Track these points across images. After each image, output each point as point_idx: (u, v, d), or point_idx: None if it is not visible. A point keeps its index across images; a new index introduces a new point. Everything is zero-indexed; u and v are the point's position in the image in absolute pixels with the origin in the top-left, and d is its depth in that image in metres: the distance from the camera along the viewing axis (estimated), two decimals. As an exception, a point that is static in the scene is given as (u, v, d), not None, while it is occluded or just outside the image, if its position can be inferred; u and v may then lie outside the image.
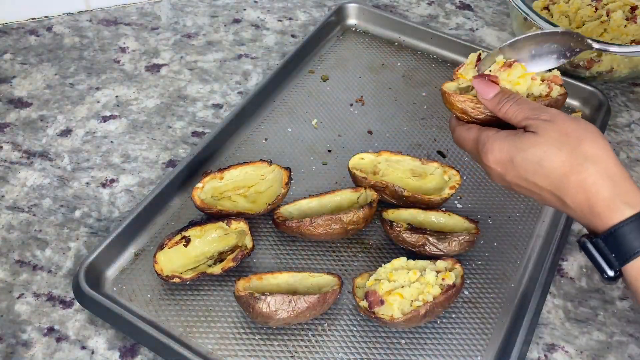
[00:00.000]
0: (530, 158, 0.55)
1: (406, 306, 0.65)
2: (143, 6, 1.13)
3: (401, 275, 0.67)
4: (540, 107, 0.59)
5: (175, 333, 0.68)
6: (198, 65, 1.02)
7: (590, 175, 0.53)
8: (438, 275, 0.67)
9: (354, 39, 1.08)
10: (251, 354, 0.67)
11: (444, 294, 0.65)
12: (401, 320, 0.64)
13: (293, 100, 0.96)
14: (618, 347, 0.70)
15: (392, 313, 0.64)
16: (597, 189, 0.53)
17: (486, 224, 0.80)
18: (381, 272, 0.69)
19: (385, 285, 0.66)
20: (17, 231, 0.79)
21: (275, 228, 0.78)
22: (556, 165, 0.54)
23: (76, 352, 0.68)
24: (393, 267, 0.69)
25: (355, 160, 0.80)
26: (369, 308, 0.66)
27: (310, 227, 0.72)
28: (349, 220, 0.72)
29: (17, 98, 0.95)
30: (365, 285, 0.68)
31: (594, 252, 0.55)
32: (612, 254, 0.54)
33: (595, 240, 0.55)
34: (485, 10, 1.16)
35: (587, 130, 0.55)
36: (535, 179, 0.56)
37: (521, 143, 0.56)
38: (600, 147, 0.54)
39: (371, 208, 0.74)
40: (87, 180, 0.84)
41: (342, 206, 0.77)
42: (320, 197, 0.78)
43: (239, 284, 0.67)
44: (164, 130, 0.91)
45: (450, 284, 0.66)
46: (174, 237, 0.71)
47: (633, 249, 0.52)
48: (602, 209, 0.53)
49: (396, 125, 0.92)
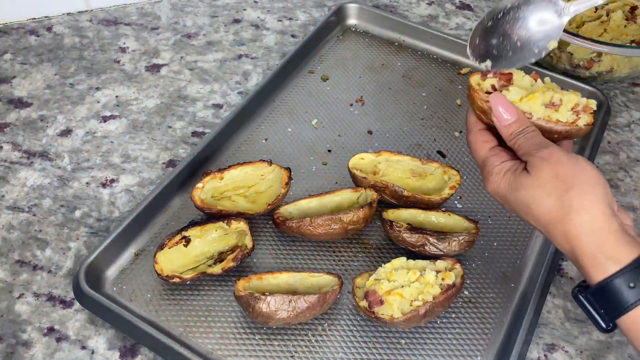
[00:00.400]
0: (521, 200, 0.56)
1: (406, 306, 0.65)
2: (143, 6, 1.13)
3: (401, 275, 0.67)
4: (542, 143, 0.57)
5: (175, 333, 0.68)
6: (198, 65, 1.02)
7: (573, 227, 0.52)
8: (438, 275, 0.67)
9: (354, 39, 1.08)
10: (251, 354, 0.67)
11: (444, 293, 0.66)
12: (401, 320, 0.64)
13: (293, 100, 0.96)
14: (618, 347, 0.70)
15: (391, 313, 0.64)
16: (579, 243, 0.52)
17: (486, 224, 0.80)
18: (381, 272, 0.69)
19: (385, 285, 0.66)
20: (17, 231, 0.79)
21: (275, 228, 0.78)
22: (544, 212, 0.54)
23: (76, 352, 0.68)
24: (393, 267, 0.69)
25: (355, 160, 0.80)
26: (368, 308, 0.66)
27: (310, 227, 0.72)
28: (349, 220, 0.72)
29: (17, 98, 0.95)
30: (365, 285, 0.68)
31: (587, 305, 0.54)
32: (602, 310, 0.53)
33: (585, 294, 0.54)
34: (485, 10, 1.16)
35: (579, 174, 0.54)
36: (527, 218, 0.57)
37: (515, 183, 0.57)
38: (587, 196, 0.53)
39: (371, 208, 0.74)
40: (87, 180, 0.84)
41: (342, 206, 0.77)
42: (320, 197, 0.78)
43: (239, 283, 0.67)
44: (164, 130, 0.91)
45: (450, 283, 0.66)
46: (174, 237, 0.71)
47: (623, 303, 0.51)
48: (586, 263, 0.52)
49: (396, 125, 0.93)
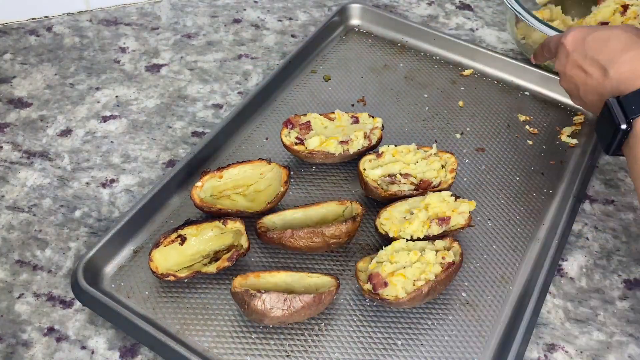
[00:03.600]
0: (600, 36, 0.68)
1: (409, 286, 0.66)
2: (143, 6, 1.13)
3: (402, 256, 0.69)
4: None
5: (172, 330, 0.68)
6: (198, 65, 1.02)
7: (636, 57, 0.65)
8: (437, 254, 0.69)
9: (357, 39, 1.08)
10: (247, 352, 0.67)
11: (445, 271, 0.67)
12: (406, 300, 0.66)
13: (294, 100, 0.96)
14: (618, 347, 0.70)
15: (396, 293, 0.66)
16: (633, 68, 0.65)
17: (485, 226, 0.80)
18: (382, 255, 0.70)
19: (387, 267, 0.68)
20: (17, 231, 0.79)
21: None
22: (620, 44, 0.66)
23: (76, 352, 0.68)
24: (394, 249, 0.70)
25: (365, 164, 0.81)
26: (373, 290, 0.67)
27: (291, 239, 0.72)
28: (330, 234, 0.71)
29: (17, 98, 0.95)
30: (368, 269, 0.69)
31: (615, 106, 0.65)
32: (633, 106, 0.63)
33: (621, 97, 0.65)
34: (485, 10, 1.16)
35: None
36: (596, 55, 0.68)
37: (596, 28, 0.70)
38: None
39: (354, 222, 0.73)
40: (87, 180, 0.85)
41: (327, 218, 0.77)
42: (305, 208, 0.77)
43: (236, 280, 0.67)
44: (164, 130, 0.92)
45: (450, 261, 0.68)
46: (169, 235, 0.72)
47: None
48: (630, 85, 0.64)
49: (398, 126, 0.92)
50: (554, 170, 0.87)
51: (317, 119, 0.84)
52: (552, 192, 0.84)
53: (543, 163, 0.88)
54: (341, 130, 0.83)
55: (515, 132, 0.92)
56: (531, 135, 0.92)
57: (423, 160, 0.79)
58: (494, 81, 1.00)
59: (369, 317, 0.70)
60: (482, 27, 1.12)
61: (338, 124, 0.84)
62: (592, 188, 0.86)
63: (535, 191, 0.84)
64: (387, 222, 0.74)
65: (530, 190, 0.84)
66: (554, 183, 0.85)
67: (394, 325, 0.70)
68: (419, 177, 0.78)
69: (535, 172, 0.86)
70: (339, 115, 0.84)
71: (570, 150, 0.90)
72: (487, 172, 0.86)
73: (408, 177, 0.77)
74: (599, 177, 0.87)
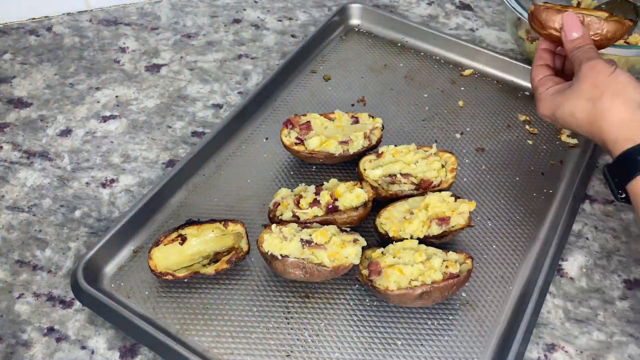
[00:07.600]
0: (567, 112, 0.68)
1: (403, 282, 0.66)
2: (143, 6, 1.13)
3: (408, 254, 0.69)
4: (594, 56, 0.68)
5: (172, 330, 0.68)
6: (198, 65, 1.02)
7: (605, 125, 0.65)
8: (443, 263, 0.68)
9: (357, 39, 1.08)
10: (247, 352, 0.67)
11: (444, 281, 0.66)
12: (394, 294, 0.65)
13: (294, 100, 0.96)
14: (618, 347, 0.70)
15: (387, 285, 0.66)
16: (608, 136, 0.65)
17: (485, 226, 0.80)
18: (390, 248, 0.71)
19: (388, 259, 0.68)
20: (17, 231, 0.79)
21: None
22: (585, 116, 0.66)
23: (76, 352, 0.68)
24: (403, 246, 0.71)
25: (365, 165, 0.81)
26: (368, 276, 0.68)
27: None
28: (342, 222, 0.73)
29: (17, 98, 0.95)
30: (372, 257, 0.70)
31: (608, 177, 0.67)
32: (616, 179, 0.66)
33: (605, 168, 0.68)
34: (485, 10, 1.16)
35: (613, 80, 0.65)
36: (573, 127, 0.69)
37: (561, 99, 0.69)
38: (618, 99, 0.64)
39: (365, 208, 0.74)
40: (87, 180, 0.85)
41: None
42: None
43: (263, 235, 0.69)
44: (164, 130, 0.92)
45: (454, 273, 0.67)
46: (170, 235, 0.71)
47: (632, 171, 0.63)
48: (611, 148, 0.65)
49: (397, 126, 0.92)
50: (554, 170, 0.87)
51: (317, 119, 0.84)
52: (552, 192, 0.84)
53: (543, 163, 0.88)
54: (341, 130, 0.83)
55: (515, 132, 0.92)
56: (531, 135, 0.92)
57: (423, 160, 0.79)
58: (494, 81, 1.00)
59: (369, 317, 0.70)
60: (482, 27, 1.12)
61: (338, 124, 0.84)
62: (592, 188, 0.86)
63: (535, 191, 0.84)
64: (387, 222, 0.74)
65: (530, 190, 0.84)
66: (554, 183, 0.85)
67: (394, 325, 0.70)
68: (420, 177, 0.78)
69: (535, 172, 0.86)
70: (339, 116, 0.85)
71: (570, 150, 0.90)
72: (487, 172, 0.86)
73: (408, 177, 0.77)
74: (599, 177, 0.87)
